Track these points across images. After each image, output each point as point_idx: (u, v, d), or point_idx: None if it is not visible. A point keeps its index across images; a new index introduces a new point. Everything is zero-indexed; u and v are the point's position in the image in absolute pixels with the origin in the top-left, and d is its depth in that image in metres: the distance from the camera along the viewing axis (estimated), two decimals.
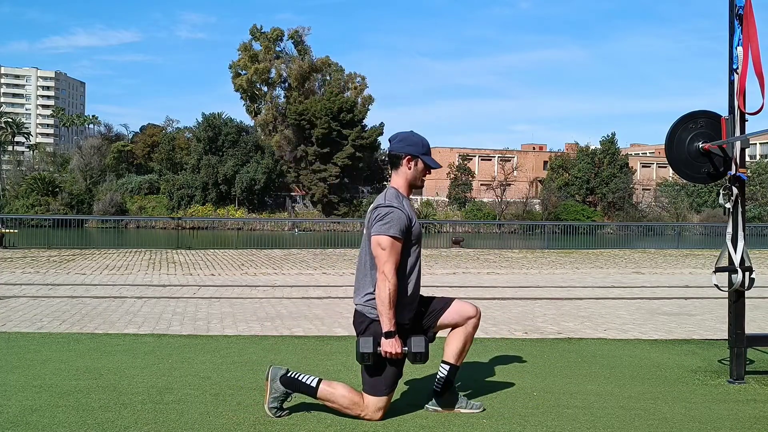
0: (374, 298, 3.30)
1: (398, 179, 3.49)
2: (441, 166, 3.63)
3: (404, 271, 3.37)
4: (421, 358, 3.30)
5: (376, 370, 3.34)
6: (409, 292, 3.40)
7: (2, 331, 5.78)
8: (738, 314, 4.28)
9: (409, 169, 3.47)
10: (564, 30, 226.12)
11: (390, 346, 3.25)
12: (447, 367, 3.50)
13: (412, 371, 4.38)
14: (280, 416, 3.34)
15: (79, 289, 9.18)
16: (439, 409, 3.50)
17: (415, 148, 3.46)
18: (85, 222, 34.89)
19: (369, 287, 3.37)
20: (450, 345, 3.51)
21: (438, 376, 3.54)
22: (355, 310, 3.47)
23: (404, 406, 3.59)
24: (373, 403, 3.34)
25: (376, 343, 3.28)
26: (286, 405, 3.41)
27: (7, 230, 22.71)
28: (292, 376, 3.38)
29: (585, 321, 6.99)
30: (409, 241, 3.38)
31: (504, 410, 3.56)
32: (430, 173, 3.58)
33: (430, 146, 3.54)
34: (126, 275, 11.30)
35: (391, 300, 3.23)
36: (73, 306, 7.42)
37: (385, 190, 3.50)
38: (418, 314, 3.45)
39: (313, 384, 3.36)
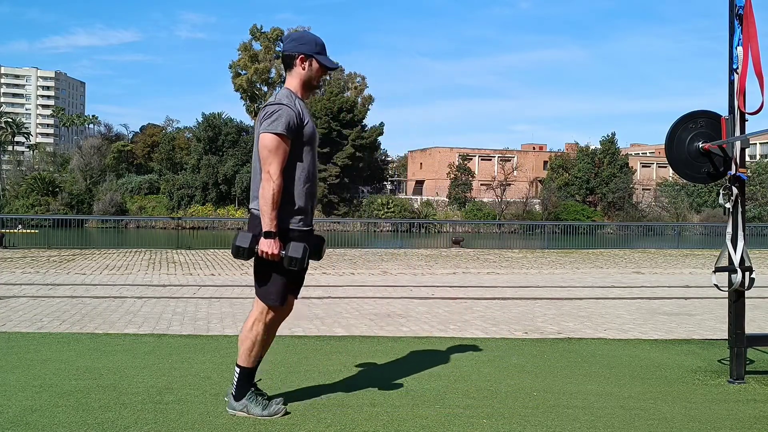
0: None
1: (292, 80, 3.37)
2: (337, 66, 3.49)
3: (292, 172, 3.25)
4: (297, 263, 3.19)
5: (264, 277, 3.28)
6: (297, 196, 3.27)
7: (2, 331, 5.78)
8: (738, 314, 4.28)
9: (303, 69, 3.36)
10: (564, 30, 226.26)
11: (267, 246, 3.16)
12: (238, 370, 3.43)
13: (412, 372, 4.38)
14: (283, 409, 3.38)
15: (79, 289, 9.17)
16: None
17: (308, 47, 3.36)
18: (85, 222, 34.89)
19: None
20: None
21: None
22: (250, 213, 3.36)
23: (405, 406, 3.59)
24: (259, 308, 3.34)
25: (255, 241, 3.21)
26: (270, 395, 3.51)
27: (27, 230, 22.75)
28: (232, 392, 3.42)
29: (585, 321, 6.99)
30: (300, 140, 3.25)
31: (504, 410, 3.56)
32: (325, 74, 3.48)
33: (325, 48, 3.40)
34: (126, 275, 11.30)
35: (274, 200, 3.13)
36: (73, 306, 7.42)
37: (278, 90, 3.38)
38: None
39: (237, 370, 3.42)
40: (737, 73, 4.17)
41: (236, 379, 3.38)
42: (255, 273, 3.33)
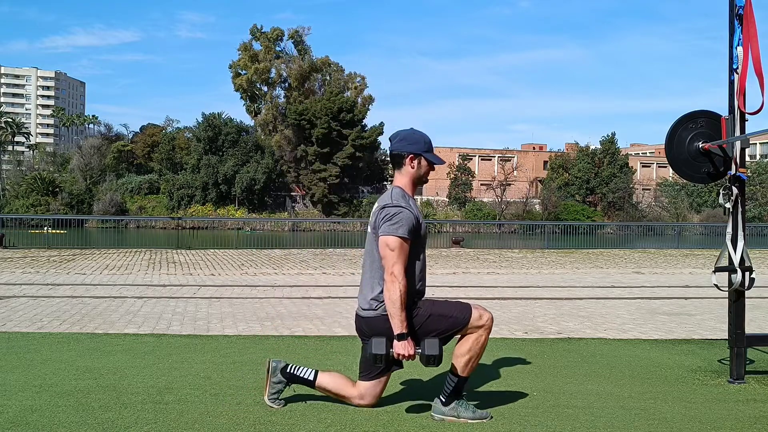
0: (382, 302, 3.28)
1: (402, 178, 3.46)
2: (444, 162, 3.65)
3: (412, 271, 3.35)
4: (435, 360, 3.25)
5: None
6: (419, 292, 3.39)
7: (2, 331, 5.78)
8: (738, 314, 4.28)
9: (413, 168, 3.44)
10: (564, 30, 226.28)
11: (403, 348, 3.22)
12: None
13: (413, 372, 4.38)
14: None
15: (79, 288, 9.17)
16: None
17: (417, 146, 3.44)
18: (85, 222, 34.90)
19: (375, 291, 3.34)
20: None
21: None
22: (365, 317, 3.41)
23: (404, 407, 3.59)
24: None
25: (389, 345, 3.26)
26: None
27: (53, 230, 22.70)
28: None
29: (585, 321, 6.99)
30: (416, 241, 3.35)
31: (504, 410, 3.56)
32: (434, 170, 3.56)
33: (432, 145, 3.52)
34: (126, 275, 11.30)
35: (402, 301, 3.20)
36: (73, 306, 7.42)
37: (390, 189, 3.46)
38: None
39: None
40: (737, 73, 4.17)
41: (450, 386, 3.41)
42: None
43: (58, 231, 22.81)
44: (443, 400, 3.40)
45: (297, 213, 65.92)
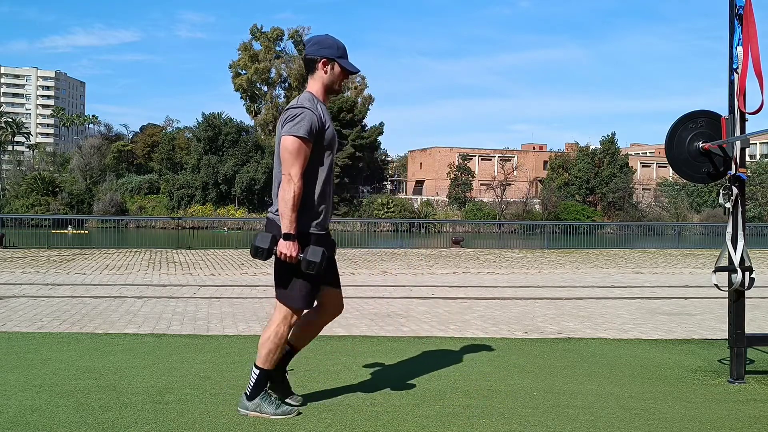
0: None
1: (314, 84, 3.39)
2: (359, 70, 3.52)
3: (314, 176, 3.26)
4: (314, 267, 3.18)
5: (285, 280, 3.28)
6: (318, 200, 3.29)
7: (2, 331, 5.78)
8: (738, 314, 4.28)
9: (325, 72, 3.37)
10: (564, 29, 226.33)
11: (286, 248, 3.16)
12: (257, 371, 3.37)
13: (412, 372, 4.38)
14: (299, 402, 3.45)
15: (79, 288, 9.17)
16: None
17: (330, 51, 3.37)
18: (85, 222, 34.90)
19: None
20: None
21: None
22: (267, 218, 3.38)
23: (405, 406, 3.59)
24: (283, 311, 3.30)
25: (274, 242, 3.21)
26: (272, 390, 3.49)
27: (76, 231, 22.64)
28: (247, 392, 3.39)
29: (585, 321, 6.99)
30: (320, 145, 3.27)
31: (504, 410, 3.56)
32: (347, 78, 3.49)
33: (347, 52, 3.42)
34: (126, 275, 11.30)
35: (294, 202, 3.14)
36: (73, 306, 7.42)
37: (300, 94, 3.40)
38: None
39: (255, 372, 3.37)
40: (737, 73, 4.17)
41: (253, 380, 3.37)
42: (276, 276, 3.32)
43: (80, 231, 22.77)
44: (247, 393, 3.37)
45: None
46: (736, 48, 4.16)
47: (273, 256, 3.28)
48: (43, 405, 3.47)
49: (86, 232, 23.13)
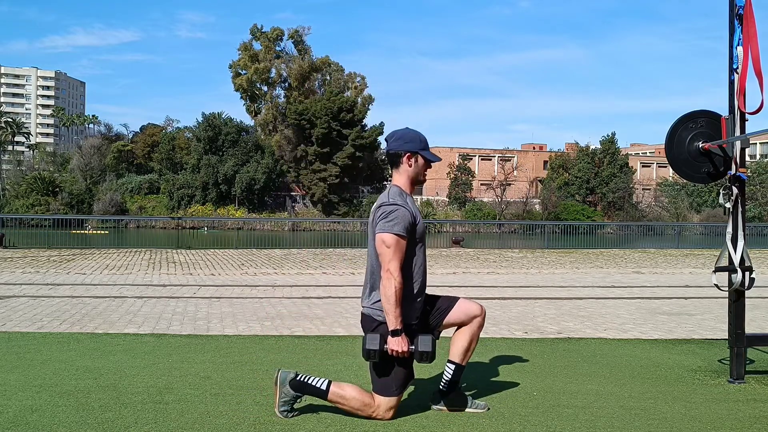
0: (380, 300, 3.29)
1: (400, 177, 3.47)
2: (440, 159, 3.67)
3: (410, 269, 3.35)
4: (428, 357, 3.27)
5: (386, 371, 3.33)
6: (416, 291, 3.39)
7: (2, 331, 5.78)
8: (738, 314, 4.28)
9: (410, 166, 3.45)
10: (564, 29, 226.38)
11: (397, 344, 3.23)
12: (452, 367, 3.49)
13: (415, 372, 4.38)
14: (291, 417, 3.34)
15: (79, 288, 9.17)
16: (444, 408, 3.50)
17: (413, 145, 3.45)
18: (85, 222, 34.85)
19: (377, 291, 3.35)
20: (455, 344, 3.49)
21: (444, 376, 3.53)
22: (362, 314, 3.46)
23: (405, 407, 3.58)
24: (385, 403, 3.34)
25: (383, 341, 3.27)
26: (296, 406, 3.42)
27: (95, 231, 22.56)
28: (301, 379, 3.36)
29: (585, 321, 6.99)
30: (413, 239, 3.36)
31: (504, 410, 3.56)
32: (430, 167, 3.57)
33: (428, 143, 3.51)
34: (126, 275, 11.30)
35: (397, 298, 3.21)
36: (73, 306, 7.42)
37: (388, 188, 3.47)
38: (423, 313, 3.44)
39: (323, 387, 3.35)
40: (737, 73, 4.17)
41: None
42: (376, 370, 3.37)
43: (100, 232, 22.73)
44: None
45: (297, 213, 65.92)
46: (736, 48, 4.16)
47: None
48: (43, 405, 3.47)
49: (106, 232, 23.09)
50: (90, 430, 3.11)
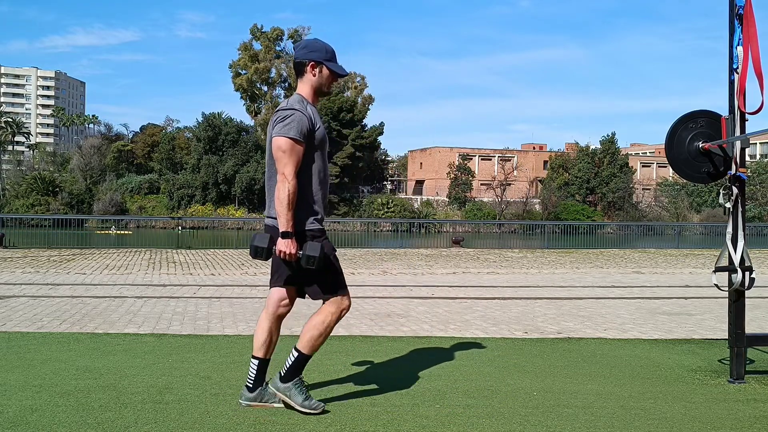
0: None
1: (304, 86, 3.47)
2: (347, 73, 3.62)
3: (308, 176, 3.33)
4: (314, 261, 3.26)
5: (327, 277, 3.46)
6: (314, 198, 3.37)
7: (2, 330, 5.78)
8: (738, 314, 4.28)
9: (314, 75, 3.45)
10: (564, 29, 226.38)
11: (285, 246, 3.23)
12: (296, 354, 3.43)
13: (412, 372, 4.38)
14: (320, 406, 3.39)
15: (79, 288, 9.17)
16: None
17: (318, 54, 3.44)
18: (85, 222, 34.86)
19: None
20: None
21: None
22: (266, 225, 3.44)
23: (405, 406, 3.59)
24: (336, 303, 3.56)
25: (273, 242, 3.28)
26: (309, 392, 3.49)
27: (120, 231, 22.56)
28: (282, 372, 3.44)
29: (585, 321, 6.99)
30: (312, 145, 3.33)
31: (504, 410, 3.56)
32: (336, 80, 3.55)
33: (335, 55, 3.48)
34: (126, 275, 11.30)
35: (290, 201, 3.21)
36: (73, 306, 7.42)
37: (290, 96, 3.47)
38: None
39: (295, 354, 3.43)
40: (737, 73, 4.17)
41: (291, 362, 3.42)
42: (313, 279, 3.43)
43: (124, 233, 22.78)
44: (281, 375, 3.43)
45: None
46: (736, 48, 4.16)
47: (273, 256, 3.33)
48: (43, 405, 3.47)
49: (130, 233, 23.17)
50: (90, 430, 3.11)
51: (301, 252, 3.27)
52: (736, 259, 4.22)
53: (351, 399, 3.70)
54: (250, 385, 3.48)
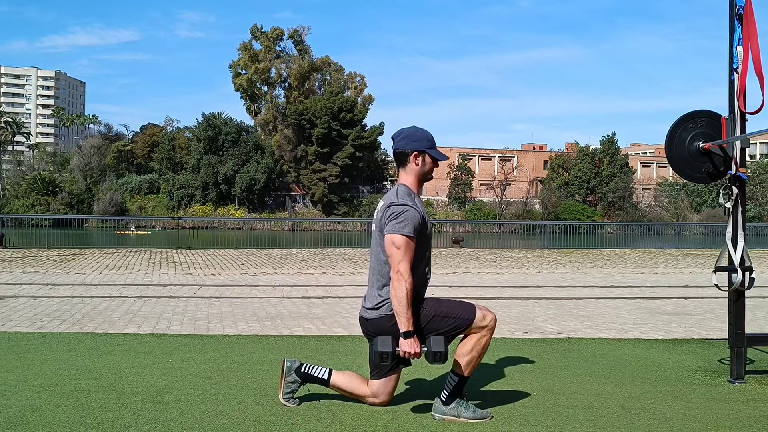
0: (388, 301, 3.31)
1: (407, 177, 3.48)
2: (448, 158, 3.69)
3: (417, 269, 3.36)
4: (441, 357, 3.27)
5: (446, 317, 3.39)
6: (421, 289, 3.41)
7: (2, 330, 5.78)
8: (738, 314, 4.28)
9: (417, 165, 3.46)
10: (564, 29, 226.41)
11: (409, 346, 3.23)
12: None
13: (414, 371, 4.38)
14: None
15: (79, 288, 9.17)
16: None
17: (420, 144, 3.46)
18: (85, 222, 34.88)
19: (381, 291, 3.37)
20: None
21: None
22: (363, 317, 3.46)
23: (405, 406, 3.59)
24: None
25: (395, 343, 3.28)
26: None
27: (140, 232, 22.57)
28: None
29: (585, 321, 6.99)
30: (421, 239, 3.37)
31: (504, 410, 3.56)
32: (437, 166, 3.58)
33: (435, 142, 3.52)
34: (126, 275, 11.30)
35: (408, 299, 3.22)
36: (73, 306, 7.42)
37: (395, 187, 3.47)
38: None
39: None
40: (737, 73, 4.17)
41: (451, 387, 3.41)
42: (443, 332, 3.38)
43: (143, 233, 22.83)
44: (444, 399, 3.41)
45: (297, 213, 65.95)
46: (736, 48, 4.16)
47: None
48: (43, 405, 3.47)
49: (148, 233, 23.21)
50: (90, 430, 3.11)
51: (424, 349, 3.28)
52: (736, 259, 4.22)
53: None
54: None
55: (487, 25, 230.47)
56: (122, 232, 23.73)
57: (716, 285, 4.28)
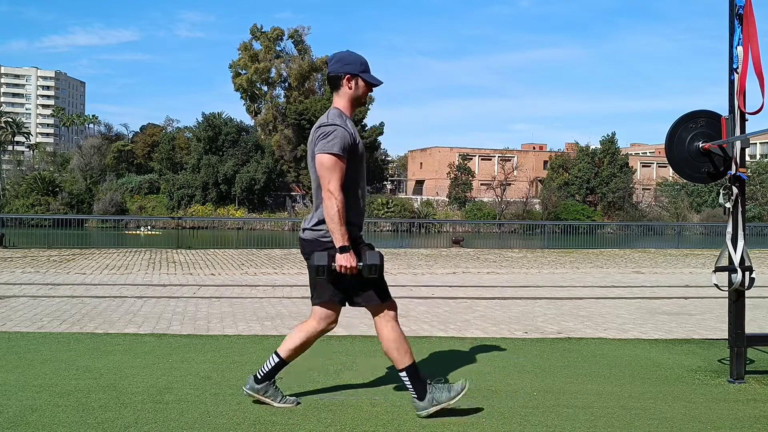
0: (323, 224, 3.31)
1: (340, 100, 3.48)
2: (382, 82, 3.62)
3: (351, 188, 3.37)
4: (376, 270, 3.30)
5: (370, 284, 3.42)
6: (356, 210, 3.42)
7: (2, 330, 5.78)
8: (738, 314, 4.28)
9: (350, 89, 3.46)
10: (564, 29, 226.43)
11: (345, 260, 3.25)
12: (276, 360, 3.54)
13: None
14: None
15: (79, 288, 9.17)
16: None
17: (353, 67, 3.46)
18: (85, 222, 34.88)
19: (317, 212, 3.39)
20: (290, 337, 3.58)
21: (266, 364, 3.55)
22: (304, 239, 3.45)
23: (405, 406, 3.58)
24: (380, 312, 3.46)
25: (331, 258, 3.29)
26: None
27: (149, 232, 22.61)
28: (260, 373, 3.55)
29: (585, 321, 6.99)
30: (354, 159, 3.37)
31: (504, 410, 3.56)
32: (371, 91, 3.58)
33: (369, 66, 3.51)
34: (126, 275, 11.30)
35: (340, 216, 3.24)
36: (73, 306, 7.42)
37: (328, 110, 3.48)
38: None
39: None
40: (737, 73, 4.17)
41: (409, 382, 3.42)
42: (358, 287, 3.42)
43: (153, 233, 22.87)
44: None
45: (297, 213, 65.89)
46: (736, 48, 4.16)
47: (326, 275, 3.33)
48: (43, 405, 3.47)
49: (158, 233, 23.25)
50: (90, 430, 3.11)
51: (360, 263, 3.29)
52: (736, 259, 4.22)
53: (351, 399, 3.70)
54: (259, 377, 3.54)
55: (487, 25, 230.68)
56: (133, 232, 23.78)
57: (716, 285, 4.28)
